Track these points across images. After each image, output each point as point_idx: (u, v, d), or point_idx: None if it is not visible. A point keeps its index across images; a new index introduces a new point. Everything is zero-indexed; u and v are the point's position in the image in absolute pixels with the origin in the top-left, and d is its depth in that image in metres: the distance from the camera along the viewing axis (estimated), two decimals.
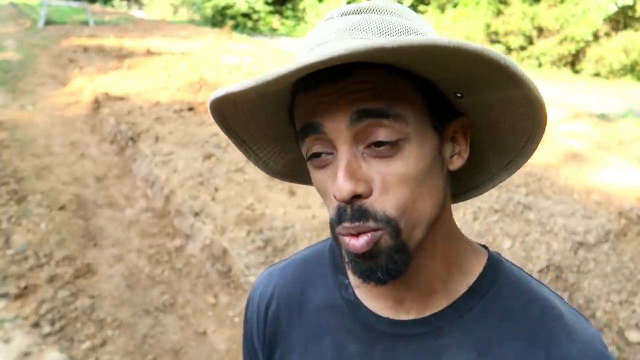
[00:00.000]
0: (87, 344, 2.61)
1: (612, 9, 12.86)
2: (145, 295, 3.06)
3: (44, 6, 14.01)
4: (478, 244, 0.65)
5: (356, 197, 0.49)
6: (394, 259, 0.50)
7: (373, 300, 0.61)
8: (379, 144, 0.48)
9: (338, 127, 0.49)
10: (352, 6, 0.54)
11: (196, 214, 3.74)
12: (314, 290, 0.67)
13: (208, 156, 4.71)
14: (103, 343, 2.64)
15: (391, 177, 0.49)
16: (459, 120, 0.55)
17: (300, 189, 4.15)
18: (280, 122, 0.59)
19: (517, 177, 4.46)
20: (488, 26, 14.79)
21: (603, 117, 7.20)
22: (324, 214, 3.75)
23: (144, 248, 3.56)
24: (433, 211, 0.53)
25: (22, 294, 2.92)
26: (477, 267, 0.60)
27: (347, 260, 0.53)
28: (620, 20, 13.77)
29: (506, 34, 14.52)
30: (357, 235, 0.49)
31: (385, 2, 0.54)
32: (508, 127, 0.55)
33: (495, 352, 0.55)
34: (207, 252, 3.45)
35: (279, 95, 0.54)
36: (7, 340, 2.57)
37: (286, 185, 4.22)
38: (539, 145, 0.57)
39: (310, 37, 0.55)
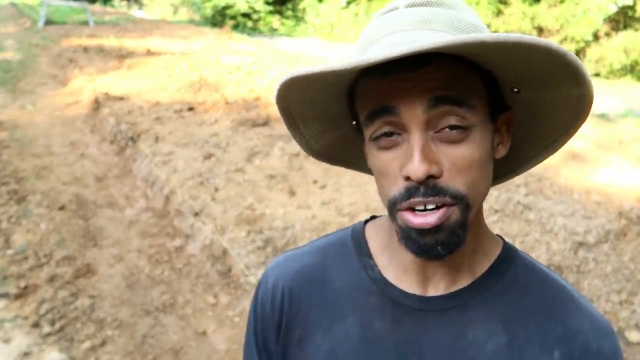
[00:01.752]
0: (87, 344, 2.61)
1: (612, 9, 12.85)
2: (145, 295, 3.06)
3: (44, 6, 14.01)
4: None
5: (429, 177, 0.52)
6: (456, 234, 0.54)
7: (401, 278, 0.64)
8: (451, 128, 0.52)
9: (414, 111, 0.51)
10: None
11: (196, 214, 3.74)
12: (338, 272, 0.68)
13: (208, 156, 4.71)
14: (103, 343, 2.64)
15: (459, 160, 0.52)
16: (507, 114, 0.59)
17: (301, 188, 4.15)
18: (333, 101, 0.61)
19: (517, 177, 4.46)
20: (488, 26, 14.69)
21: (603, 117, 7.20)
22: (324, 214, 3.75)
23: (144, 248, 3.56)
24: (486, 193, 0.58)
25: (22, 294, 2.92)
26: (495, 251, 0.65)
27: (400, 237, 0.56)
28: (620, 20, 13.77)
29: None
30: (422, 214, 0.52)
31: None
32: (550, 122, 0.60)
33: (517, 323, 0.60)
34: (207, 252, 3.45)
35: (342, 77, 0.55)
36: (7, 340, 2.57)
37: (286, 185, 4.22)
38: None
39: (375, 26, 0.57)
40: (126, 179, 4.67)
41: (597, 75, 13.49)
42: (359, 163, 0.73)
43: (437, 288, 0.62)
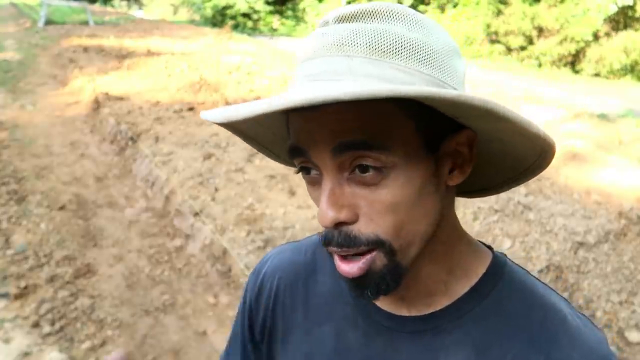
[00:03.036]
0: (87, 344, 2.61)
1: (612, 9, 12.86)
2: (145, 295, 3.06)
3: (44, 6, 14.02)
4: (483, 244, 0.63)
5: (341, 223, 0.49)
6: (385, 280, 0.50)
7: None
8: (363, 170, 0.47)
9: (322, 156, 0.48)
10: (349, 9, 0.50)
11: (196, 214, 3.74)
12: (322, 275, 0.67)
13: (208, 156, 4.71)
14: (103, 343, 2.64)
15: (377, 204, 0.48)
16: (463, 134, 0.51)
17: (301, 188, 4.15)
18: (280, 125, 0.58)
19: None
20: (488, 26, 14.80)
21: (603, 117, 7.20)
22: None
23: (144, 248, 3.56)
24: (427, 229, 0.52)
25: (22, 294, 2.92)
26: (480, 269, 0.59)
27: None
28: (620, 20, 13.77)
29: (506, 34, 14.51)
30: (348, 259, 0.50)
31: (388, 4, 0.51)
32: (508, 151, 0.54)
33: (494, 353, 0.55)
34: (207, 252, 3.45)
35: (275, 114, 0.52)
36: (7, 340, 2.57)
37: (286, 185, 4.22)
38: None
39: (303, 46, 0.53)
40: (126, 179, 4.67)
41: (597, 75, 13.49)
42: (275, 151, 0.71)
43: (412, 308, 0.59)
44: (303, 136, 0.49)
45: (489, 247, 0.63)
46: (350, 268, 0.49)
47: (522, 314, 0.56)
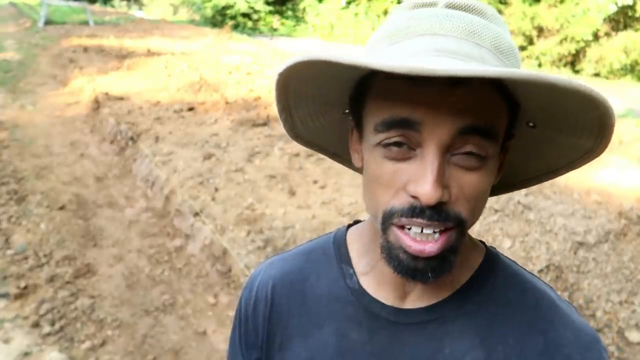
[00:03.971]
0: (87, 344, 2.61)
1: (612, 9, 12.85)
2: (145, 295, 3.06)
3: (44, 6, 14.02)
4: (474, 238, 0.67)
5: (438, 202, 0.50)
6: (449, 260, 0.52)
7: (379, 289, 0.63)
8: (470, 155, 0.49)
9: (439, 133, 0.48)
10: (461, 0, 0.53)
11: (196, 214, 3.74)
12: (317, 279, 0.67)
13: (208, 156, 4.71)
14: (103, 343, 2.64)
15: (469, 187, 0.50)
16: (511, 142, 0.57)
17: (301, 188, 4.15)
18: (337, 89, 0.57)
19: None
20: None
21: None
22: (324, 214, 3.75)
23: (144, 248, 3.56)
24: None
25: (22, 294, 2.92)
26: (477, 260, 0.63)
27: (386, 254, 0.53)
28: (620, 20, 13.77)
29: None
30: (422, 241, 0.50)
31: (485, 5, 0.54)
32: (546, 161, 0.60)
33: (496, 337, 0.58)
34: (207, 252, 3.45)
35: (363, 68, 0.50)
36: (7, 340, 2.57)
37: (286, 185, 4.22)
38: None
39: (410, 19, 0.52)
40: (126, 179, 4.67)
41: (597, 75, 13.49)
42: (339, 153, 0.70)
43: (416, 300, 0.61)
44: (424, 108, 0.48)
45: (481, 241, 0.68)
46: (426, 247, 0.50)
47: (517, 299, 0.60)
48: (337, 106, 0.62)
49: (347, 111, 0.61)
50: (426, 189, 0.47)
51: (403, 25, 0.52)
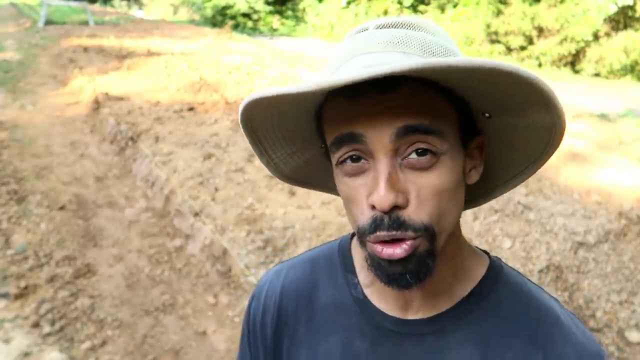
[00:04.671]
0: (87, 344, 2.61)
1: (612, 9, 12.85)
2: (145, 295, 3.06)
3: (44, 6, 14.02)
4: (479, 249, 0.67)
5: (394, 208, 0.50)
6: (426, 263, 0.52)
7: (382, 300, 0.63)
8: (420, 154, 0.50)
9: (381, 140, 0.50)
10: (389, 19, 0.55)
11: (196, 214, 3.74)
12: (323, 288, 0.68)
13: (208, 156, 4.71)
14: (103, 343, 2.64)
15: (427, 189, 0.51)
16: (478, 138, 0.58)
17: (301, 189, 4.14)
18: (302, 125, 0.60)
19: None
20: (488, 26, 14.79)
21: (603, 117, 7.20)
22: (324, 214, 3.75)
23: (144, 248, 3.56)
24: (456, 220, 0.56)
25: (22, 294, 2.92)
26: (479, 272, 0.63)
27: (370, 264, 0.54)
28: (620, 20, 13.76)
29: (506, 34, 14.51)
30: (392, 243, 0.51)
31: (420, 19, 0.56)
32: (521, 149, 0.58)
33: (495, 350, 0.58)
34: (207, 252, 3.45)
35: (310, 99, 0.54)
36: (7, 340, 2.57)
37: (286, 185, 4.22)
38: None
39: (347, 46, 0.56)
40: (126, 179, 4.67)
41: (597, 75, 13.49)
42: (328, 185, 0.71)
43: (417, 311, 0.62)
44: (362, 120, 0.50)
45: (486, 253, 0.67)
46: (394, 250, 0.51)
47: (519, 313, 0.60)
48: (312, 142, 0.63)
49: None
50: (378, 194, 0.49)
51: (343, 51, 0.56)
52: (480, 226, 3.67)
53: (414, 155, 0.50)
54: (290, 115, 0.58)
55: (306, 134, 0.61)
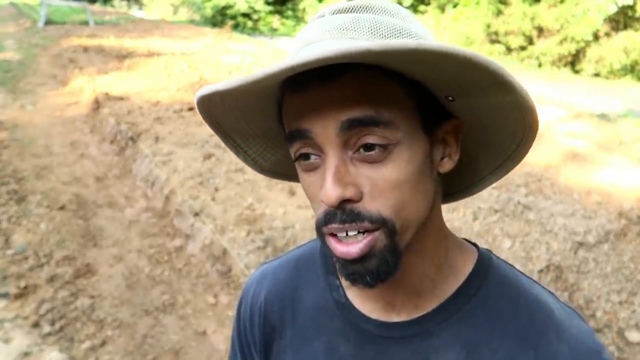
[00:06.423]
0: (87, 344, 2.61)
1: (612, 9, 12.85)
2: (145, 295, 3.06)
3: (44, 6, 14.02)
4: (468, 241, 0.64)
5: (346, 201, 0.48)
6: (386, 261, 0.49)
7: (364, 302, 0.61)
8: (368, 149, 0.48)
9: (327, 134, 0.48)
10: (345, 4, 0.53)
11: (196, 214, 3.74)
12: (306, 291, 0.67)
13: (208, 156, 4.71)
14: (103, 343, 2.64)
15: (382, 181, 0.48)
16: (451, 122, 0.54)
17: (301, 188, 4.14)
18: (269, 119, 0.58)
19: (517, 177, 4.46)
20: (488, 26, 14.79)
21: (603, 117, 7.20)
22: None
23: (144, 248, 3.56)
24: (423, 213, 0.52)
25: (22, 294, 2.92)
26: (466, 267, 0.60)
27: (335, 261, 0.53)
28: (620, 20, 13.76)
29: (506, 34, 14.51)
30: (347, 242, 0.49)
31: (380, 1, 0.53)
32: (499, 130, 0.55)
33: (484, 352, 0.55)
34: (207, 252, 3.45)
35: (269, 91, 0.53)
36: (7, 340, 2.57)
37: (286, 185, 4.22)
38: (539, 146, 0.57)
39: (301, 35, 0.54)
40: (126, 179, 4.67)
41: (597, 75, 13.49)
42: None
43: (401, 313, 0.59)
44: (307, 115, 0.48)
45: (474, 245, 0.63)
46: (350, 248, 0.48)
47: (509, 310, 0.56)
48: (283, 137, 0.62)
49: None
50: (325, 190, 0.47)
51: (296, 40, 0.54)
52: (480, 226, 3.67)
53: (362, 150, 0.48)
54: (255, 111, 0.56)
55: (276, 128, 0.59)
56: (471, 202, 3.90)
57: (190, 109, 6.10)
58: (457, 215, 3.77)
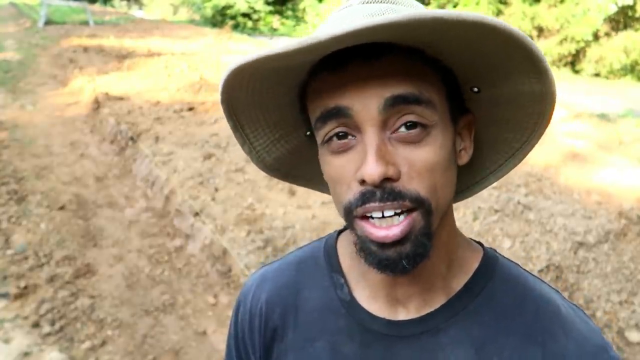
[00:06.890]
0: (87, 344, 2.61)
1: (612, 9, 12.84)
2: (145, 295, 3.06)
3: (44, 6, 14.02)
4: (474, 240, 0.64)
5: (385, 180, 0.47)
6: (422, 244, 0.49)
7: (370, 299, 0.61)
8: (409, 127, 0.48)
9: (368, 111, 0.48)
10: None
11: (196, 214, 3.74)
12: (309, 291, 0.65)
13: (208, 156, 4.71)
14: (103, 343, 2.64)
15: (419, 162, 0.48)
16: (467, 117, 0.56)
17: (301, 188, 4.15)
18: (286, 107, 0.58)
19: (517, 177, 4.46)
20: None
21: (603, 117, 7.20)
22: (324, 214, 3.75)
23: (144, 248, 3.55)
24: (450, 200, 0.54)
25: (22, 294, 2.92)
26: (473, 264, 0.60)
27: (359, 249, 0.52)
28: (620, 20, 13.76)
29: None
30: (385, 226, 0.48)
31: None
32: (510, 127, 0.56)
33: (491, 349, 0.55)
34: (207, 252, 3.45)
35: (292, 75, 0.52)
36: (7, 340, 2.57)
37: (286, 185, 4.22)
38: (539, 146, 0.57)
39: (328, 23, 0.54)
40: (126, 179, 4.67)
41: (597, 75, 13.49)
42: (314, 179, 0.69)
43: (408, 310, 0.58)
44: (347, 92, 0.48)
45: (480, 244, 0.64)
46: (389, 231, 0.48)
47: (515, 307, 0.57)
48: (296, 127, 0.61)
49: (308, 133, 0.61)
50: (368, 167, 0.46)
51: (323, 27, 0.54)
52: (480, 226, 3.67)
53: (403, 129, 0.48)
54: (273, 95, 0.55)
55: (290, 118, 0.59)
56: (471, 202, 3.90)
57: (190, 109, 6.10)
58: (457, 215, 3.78)
